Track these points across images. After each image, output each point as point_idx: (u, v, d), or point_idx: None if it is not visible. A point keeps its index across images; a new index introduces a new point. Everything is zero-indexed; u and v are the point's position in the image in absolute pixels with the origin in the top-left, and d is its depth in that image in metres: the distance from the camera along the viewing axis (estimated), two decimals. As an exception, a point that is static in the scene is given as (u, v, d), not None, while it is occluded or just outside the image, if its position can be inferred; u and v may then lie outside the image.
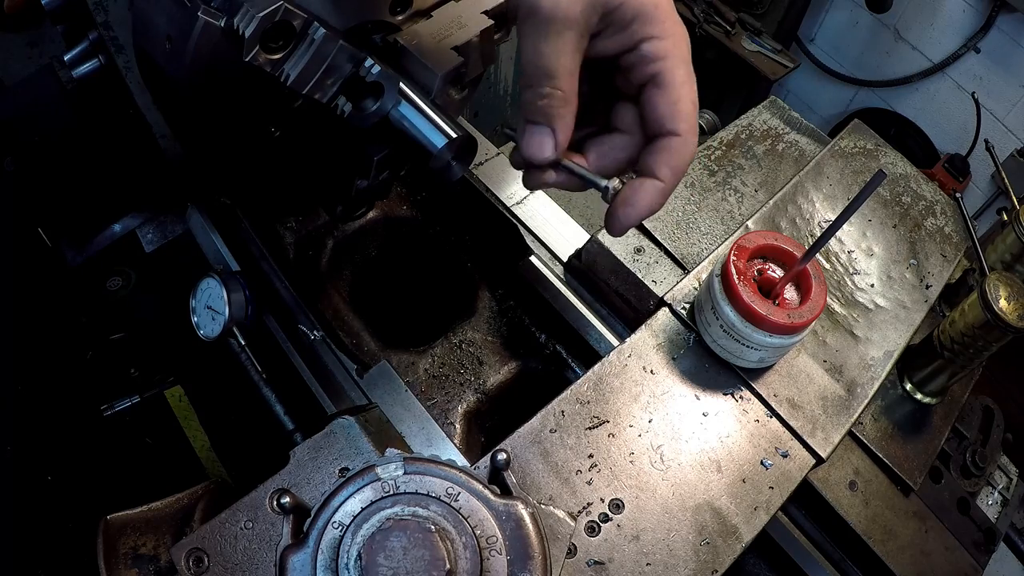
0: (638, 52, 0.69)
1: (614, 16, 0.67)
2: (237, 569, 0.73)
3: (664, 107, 0.70)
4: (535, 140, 0.70)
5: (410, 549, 0.61)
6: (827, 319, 1.09)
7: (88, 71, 1.07)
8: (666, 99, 0.70)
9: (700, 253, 1.14)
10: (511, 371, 1.25)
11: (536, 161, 0.72)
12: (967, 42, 3.38)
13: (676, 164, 0.72)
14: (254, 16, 0.71)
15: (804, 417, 0.98)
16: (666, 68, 0.69)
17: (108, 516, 0.89)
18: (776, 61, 3.69)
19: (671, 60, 0.69)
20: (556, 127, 0.70)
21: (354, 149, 0.97)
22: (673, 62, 0.70)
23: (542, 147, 0.70)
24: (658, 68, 0.70)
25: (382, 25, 0.89)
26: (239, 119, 0.96)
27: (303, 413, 1.18)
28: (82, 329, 1.65)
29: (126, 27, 1.00)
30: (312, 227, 1.39)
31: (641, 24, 0.68)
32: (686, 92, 0.71)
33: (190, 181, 1.27)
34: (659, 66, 0.69)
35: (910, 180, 1.32)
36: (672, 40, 0.69)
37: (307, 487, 0.77)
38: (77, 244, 1.32)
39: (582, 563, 0.81)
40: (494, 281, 1.35)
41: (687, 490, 0.88)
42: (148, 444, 2.05)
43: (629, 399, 0.94)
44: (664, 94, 0.70)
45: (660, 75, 0.70)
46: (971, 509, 1.17)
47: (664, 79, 0.70)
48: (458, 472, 0.67)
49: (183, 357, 1.49)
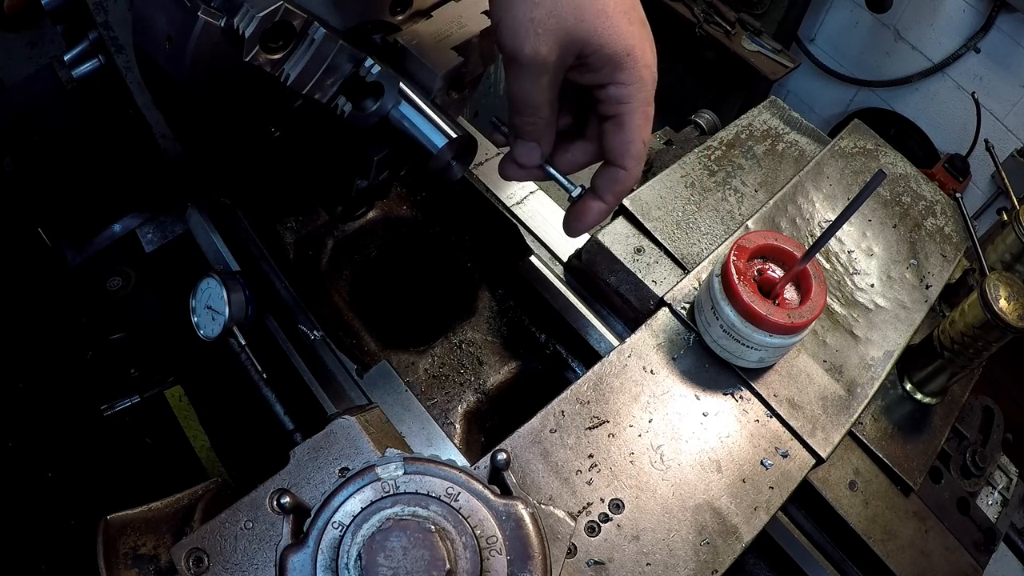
0: (605, 91, 0.81)
1: (588, 60, 0.78)
2: (237, 569, 0.73)
3: (618, 145, 0.83)
4: (526, 152, 0.86)
5: (410, 549, 0.61)
6: (827, 319, 1.09)
7: (88, 71, 1.07)
8: (621, 139, 0.83)
9: (700, 253, 1.14)
10: (511, 371, 1.25)
11: (526, 167, 0.88)
12: (967, 42, 3.38)
13: (618, 191, 0.87)
14: (254, 16, 0.71)
15: (804, 417, 0.98)
16: (626, 112, 0.81)
17: (108, 516, 0.89)
18: (776, 61, 3.69)
19: (632, 105, 0.81)
20: (540, 141, 0.85)
21: (354, 149, 0.97)
22: (633, 106, 0.81)
23: (531, 157, 0.86)
24: (619, 111, 0.81)
25: (382, 25, 0.89)
26: (239, 119, 0.96)
27: (303, 413, 1.17)
28: (82, 329, 1.65)
29: (126, 27, 1.00)
30: (312, 227, 1.38)
31: (610, 71, 0.78)
32: (639, 134, 0.83)
33: (190, 181, 1.27)
34: (620, 109, 0.81)
35: (910, 180, 1.32)
36: (637, 86, 0.80)
37: (307, 487, 0.77)
38: (77, 244, 1.32)
39: (582, 563, 0.81)
40: (494, 281, 1.35)
41: (687, 490, 0.88)
42: (148, 444, 2.05)
43: (629, 399, 0.94)
44: (620, 134, 0.83)
45: (620, 117, 0.82)
46: (971, 509, 1.17)
47: (622, 121, 0.82)
48: (458, 472, 0.67)
49: (183, 357, 1.49)
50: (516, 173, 0.89)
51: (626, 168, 0.85)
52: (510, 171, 0.90)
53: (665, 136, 1.57)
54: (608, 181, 0.87)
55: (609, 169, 0.86)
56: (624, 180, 0.86)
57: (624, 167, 0.85)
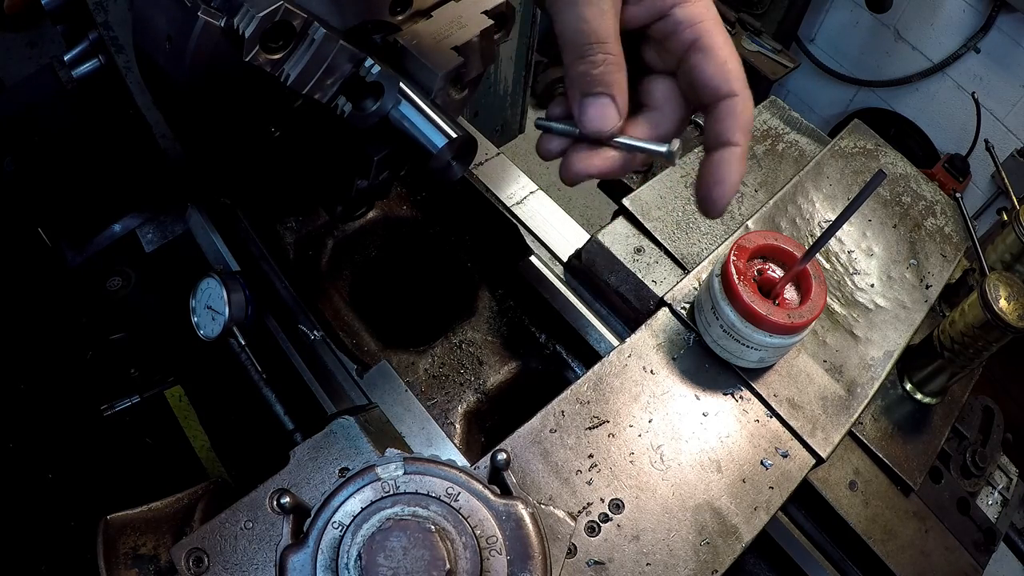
0: (672, 18, 0.67)
1: None
2: (237, 569, 0.73)
3: (714, 70, 0.68)
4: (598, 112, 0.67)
5: (410, 549, 0.61)
6: (827, 319, 1.09)
7: (88, 71, 1.07)
8: (714, 62, 0.67)
9: (700, 253, 1.14)
10: (511, 371, 1.25)
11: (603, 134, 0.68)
12: (967, 42, 3.38)
13: (744, 125, 0.69)
14: (254, 16, 0.71)
15: (804, 417, 0.98)
16: (706, 31, 0.67)
17: (108, 516, 0.89)
18: (776, 61, 3.69)
19: (708, 22, 0.67)
20: (615, 94, 0.67)
21: (354, 149, 0.97)
22: (710, 24, 0.67)
23: (606, 117, 0.67)
24: (698, 32, 0.67)
25: (382, 25, 0.89)
26: (239, 119, 0.96)
27: (303, 413, 1.18)
28: (82, 329, 1.66)
29: (126, 27, 1.00)
30: (312, 227, 1.38)
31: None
32: (730, 52, 0.68)
33: (190, 181, 1.27)
34: (698, 29, 0.67)
35: (910, 180, 1.32)
36: (704, 2, 0.67)
37: (307, 487, 0.77)
38: (77, 244, 1.32)
39: (582, 563, 0.81)
40: (494, 281, 1.35)
41: (687, 490, 0.88)
42: (148, 444, 2.06)
43: (629, 399, 0.94)
44: (710, 58, 0.67)
45: (701, 39, 0.67)
46: (971, 509, 1.17)
47: (706, 43, 0.67)
48: (458, 472, 0.67)
49: (183, 357, 1.49)
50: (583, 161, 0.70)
51: (736, 93, 0.68)
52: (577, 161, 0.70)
53: (665, 136, 1.57)
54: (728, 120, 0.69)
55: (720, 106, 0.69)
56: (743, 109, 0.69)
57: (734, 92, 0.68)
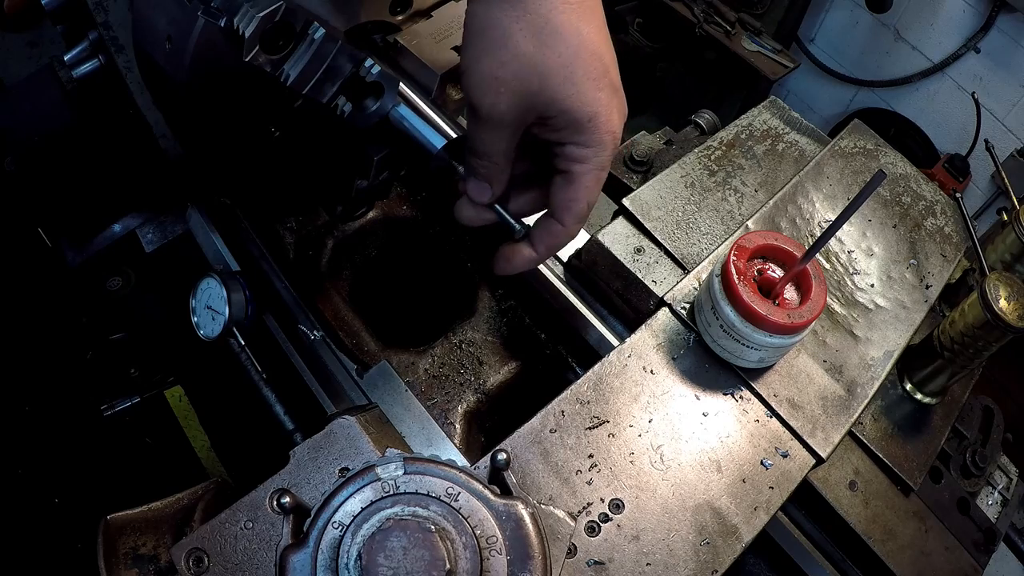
0: (563, 149, 0.81)
1: (548, 121, 0.78)
2: (237, 569, 0.73)
3: (562, 200, 0.83)
4: (477, 189, 0.85)
5: (410, 549, 0.61)
6: (827, 319, 1.09)
7: (88, 71, 1.07)
8: (566, 195, 0.83)
9: (700, 253, 1.14)
10: (511, 371, 1.25)
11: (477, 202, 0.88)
12: (967, 42, 3.38)
13: (551, 245, 0.87)
14: (254, 16, 0.71)
15: (804, 417, 0.98)
16: (578, 171, 0.81)
17: (108, 516, 0.89)
18: (776, 61, 3.69)
19: (586, 166, 0.80)
20: (492, 184, 0.85)
21: (354, 149, 0.97)
22: (587, 167, 0.80)
23: (482, 194, 0.86)
24: (572, 168, 0.81)
25: (382, 25, 0.89)
26: (239, 119, 0.96)
27: (303, 413, 1.18)
28: (82, 329, 1.66)
29: (126, 27, 1.00)
30: (312, 227, 1.39)
31: (570, 132, 0.78)
32: (586, 195, 0.82)
33: (190, 181, 1.27)
34: (573, 167, 0.81)
35: (910, 180, 1.32)
36: (595, 150, 0.79)
37: (307, 487, 0.77)
38: (77, 244, 1.32)
39: (582, 563, 0.81)
40: (494, 281, 1.35)
41: (687, 490, 0.88)
42: (148, 444, 2.06)
43: (629, 399, 0.94)
44: (567, 190, 0.82)
45: (571, 174, 0.81)
46: (971, 509, 1.17)
47: (573, 178, 0.81)
48: (458, 472, 0.67)
49: (183, 357, 1.49)
50: (468, 212, 0.89)
51: (564, 224, 0.85)
52: (463, 210, 0.89)
53: (665, 136, 1.57)
54: (544, 233, 0.87)
55: (548, 221, 0.86)
56: (559, 235, 0.86)
57: (562, 223, 0.85)
